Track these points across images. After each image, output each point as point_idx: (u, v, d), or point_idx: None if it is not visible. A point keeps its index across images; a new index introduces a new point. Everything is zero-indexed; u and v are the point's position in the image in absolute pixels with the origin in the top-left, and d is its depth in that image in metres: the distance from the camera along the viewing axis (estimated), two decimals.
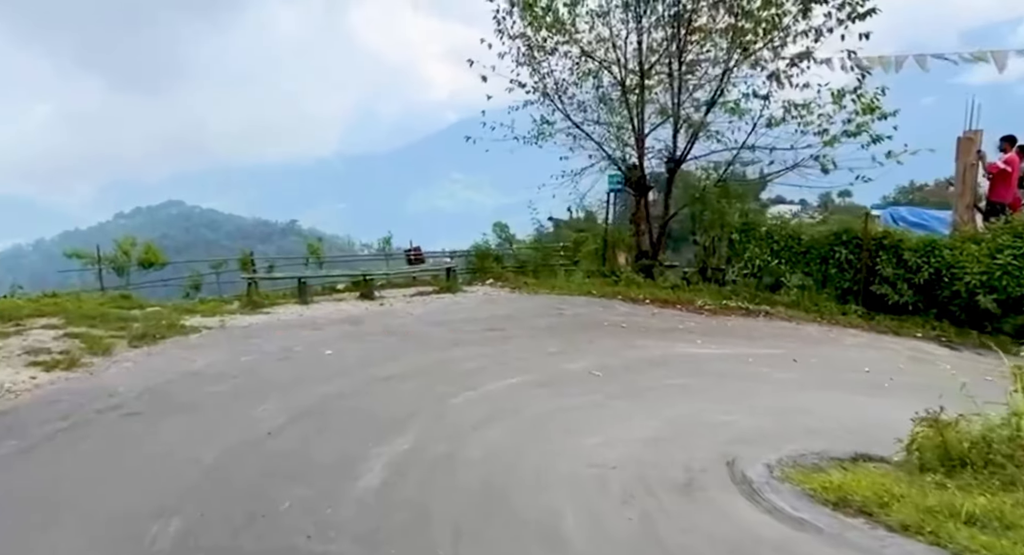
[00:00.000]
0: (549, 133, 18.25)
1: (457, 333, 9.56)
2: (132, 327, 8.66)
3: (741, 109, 12.87)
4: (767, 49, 13.86)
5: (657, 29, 16.01)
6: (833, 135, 13.23)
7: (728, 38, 13.93)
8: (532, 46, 17.50)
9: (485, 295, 13.11)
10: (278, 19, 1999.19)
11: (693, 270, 14.00)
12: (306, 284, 12.76)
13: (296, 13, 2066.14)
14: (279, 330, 9.37)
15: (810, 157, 13.97)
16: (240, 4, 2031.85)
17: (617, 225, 15.95)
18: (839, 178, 13.98)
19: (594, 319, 10.87)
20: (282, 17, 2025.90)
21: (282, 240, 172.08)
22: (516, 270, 15.78)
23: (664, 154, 15.51)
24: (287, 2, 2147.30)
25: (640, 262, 15.61)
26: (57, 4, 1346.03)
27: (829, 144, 12.50)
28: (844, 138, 13.32)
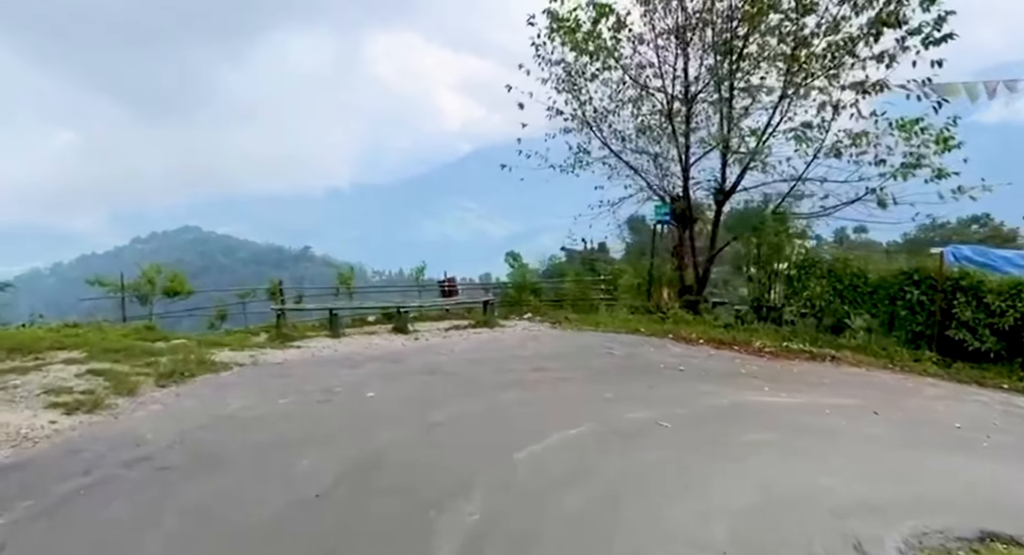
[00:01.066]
0: (586, 162, 17.90)
1: (503, 374, 8.93)
2: (159, 363, 8.12)
3: (807, 138, 12.24)
4: (825, 77, 13.35)
5: (706, 56, 15.64)
6: (896, 168, 12.60)
7: (783, 66, 13.46)
8: (572, 72, 17.24)
9: (525, 331, 12.49)
10: (293, 51, 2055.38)
11: (746, 308, 13.29)
12: (337, 316, 12.22)
13: (311, 45, 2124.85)
14: (315, 367, 8.79)
15: (867, 190, 13.37)
16: (257, 36, 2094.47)
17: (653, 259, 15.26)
18: (901, 213, 13.32)
19: (648, 360, 10.19)
20: (297, 49, 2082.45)
21: (295, 266, 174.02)
22: (553, 304, 15.16)
23: (711, 185, 14.96)
24: (302, 34, 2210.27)
25: (684, 298, 14.96)
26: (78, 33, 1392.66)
27: (900, 176, 11.81)
28: (904, 170, 12.70)
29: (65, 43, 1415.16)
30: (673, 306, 13.71)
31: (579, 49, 16.81)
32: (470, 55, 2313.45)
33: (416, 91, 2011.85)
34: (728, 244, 14.69)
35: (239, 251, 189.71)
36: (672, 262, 15.31)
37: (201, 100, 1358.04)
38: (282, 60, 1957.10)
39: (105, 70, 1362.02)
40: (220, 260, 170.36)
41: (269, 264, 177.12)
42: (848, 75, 13.00)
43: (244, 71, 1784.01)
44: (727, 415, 7.82)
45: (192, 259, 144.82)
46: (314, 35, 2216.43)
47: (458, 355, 9.93)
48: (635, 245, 63.07)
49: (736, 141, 14.37)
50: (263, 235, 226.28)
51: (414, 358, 9.63)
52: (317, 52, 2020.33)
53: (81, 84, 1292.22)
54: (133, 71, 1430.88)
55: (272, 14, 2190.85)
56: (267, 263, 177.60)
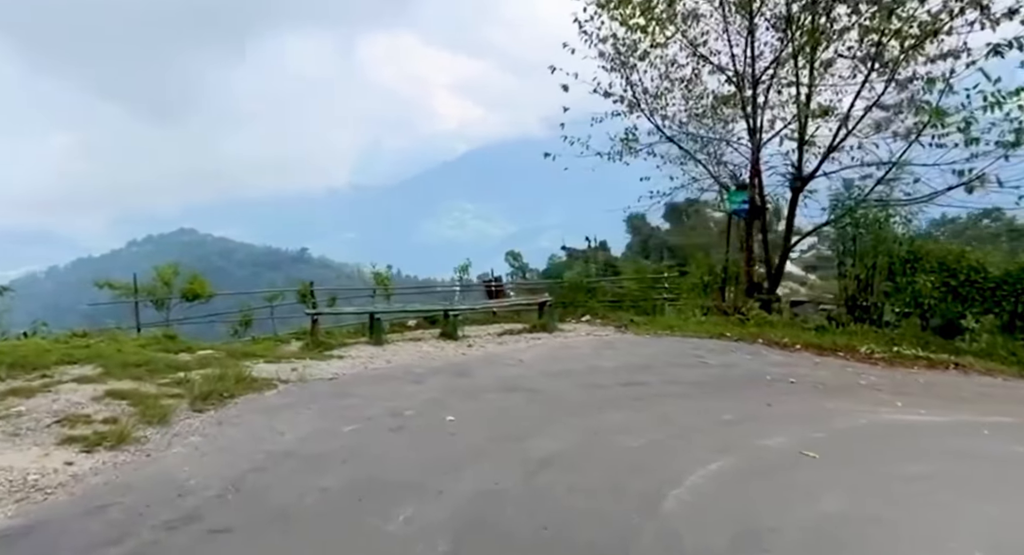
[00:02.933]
0: (634, 148, 16.67)
1: (592, 389, 7.71)
2: (190, 381, 6.92)
3: (940, 112, 10.77)
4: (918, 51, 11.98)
5: (773, 28, 14.37)
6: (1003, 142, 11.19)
7: (872, 38, 12.12)
8: (621, 49, 16.02)
9: (592, 336, 11.27)
10: (291, 53, 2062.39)
11: (835, 308, 12.01)
12: (380, 321, 11.02)
13: (309, 47, 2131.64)
14: (373, 384, 7.58)
15: (953, 172, 12.04)
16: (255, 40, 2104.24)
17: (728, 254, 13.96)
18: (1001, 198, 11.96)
19: (749, 371, 8.96)
20: (295, 52, 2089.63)
21: (292, 268, 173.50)
22: (611, 305, 13.94)
23: (787, 172, 13.68)
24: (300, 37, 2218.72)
25: (755, 297, 13.69)
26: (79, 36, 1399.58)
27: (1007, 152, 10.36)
28: None
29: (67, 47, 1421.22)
30: (753, 306, 12.45)
31: (630, 23, 15.61)
32: (467, 56, 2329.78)
33: (413, 92, 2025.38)
34: (807, 234, 13.39)
35: (236, 253, 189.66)
36: (740, 257, 14.00)
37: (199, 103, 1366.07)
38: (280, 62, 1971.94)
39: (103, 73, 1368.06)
40: (216, 262, 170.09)
41: (266, 266, 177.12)
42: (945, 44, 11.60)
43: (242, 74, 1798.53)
44: (872, 439, 6.59)
45: (188, 261, 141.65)
46: (312, 37, 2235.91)
47: (530, 367, 8.71)
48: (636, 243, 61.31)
49: (818, 121, 13.05)
50: (260, 237, 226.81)
51: (481, 371, 8.41)
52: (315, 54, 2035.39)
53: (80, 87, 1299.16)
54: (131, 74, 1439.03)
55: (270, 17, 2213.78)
56: (264, 265, 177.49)
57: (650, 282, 15.03)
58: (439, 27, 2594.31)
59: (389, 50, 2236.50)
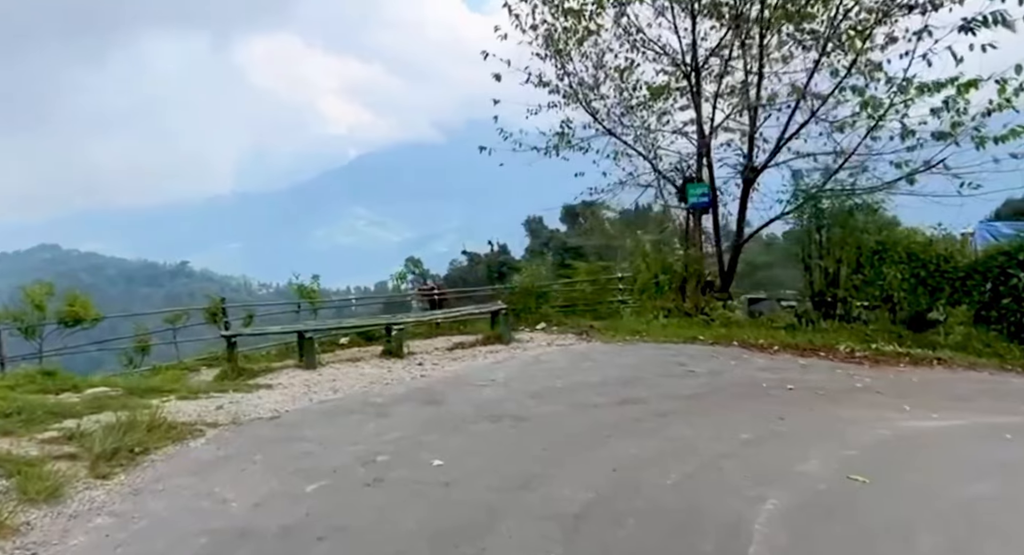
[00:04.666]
0: (569, 141, 16.01)
1: (587, 412, 6.81)
2: (88, 435, 5.39)
3: (873, 100, 10.70)
4: None
5: (712, 15, 14.06)
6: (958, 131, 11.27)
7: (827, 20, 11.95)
8: (555, 38, 15.30)
9: (557, 347, 10.37)
10: (159, 55, 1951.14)
11: (801, 305, 11.74)
12: (312, 340, 9.63)
13: (179, 50, 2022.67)
14: (326, 421, 6.30)
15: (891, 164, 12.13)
16: (119, 40, 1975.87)
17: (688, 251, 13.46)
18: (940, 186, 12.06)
19: (740, 378, 8.36)
20: (164, 54, 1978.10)
21: (172, 283, 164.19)
22: (565, 310, 13.13)
23: (737, 162, 13.37)
24: (169, 39, 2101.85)
25: (708, 295, 13.29)
26: None
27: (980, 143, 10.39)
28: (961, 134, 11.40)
29: None
30: (716, 306, 11.99)
31: (564, 6, 14.95)
32: (353, 59, 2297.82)
33: (299, 96, 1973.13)
34: (765, 226, 13.12)
35: (106, 269, 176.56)
36: (689, 255, 13.52)
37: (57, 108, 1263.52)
38: (147, 64, 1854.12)
39: None
40: (85, 280, 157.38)
41: (141, 282, 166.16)
42: None
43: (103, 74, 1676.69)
44: (907, 455, 6.08)
45: (50, 280, 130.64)
46: (182, 38, 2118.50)
47: (507, 387, 7.69)
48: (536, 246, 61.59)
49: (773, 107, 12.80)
50: (134, 251, 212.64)
51: (452, 396, 7.30)
52: (186, 56, 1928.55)
53: None
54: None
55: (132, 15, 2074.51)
56: (139, 281, 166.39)
57: (604, 284, 14.37)
58: (321, 30, 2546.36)
59: (269, 52, 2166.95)
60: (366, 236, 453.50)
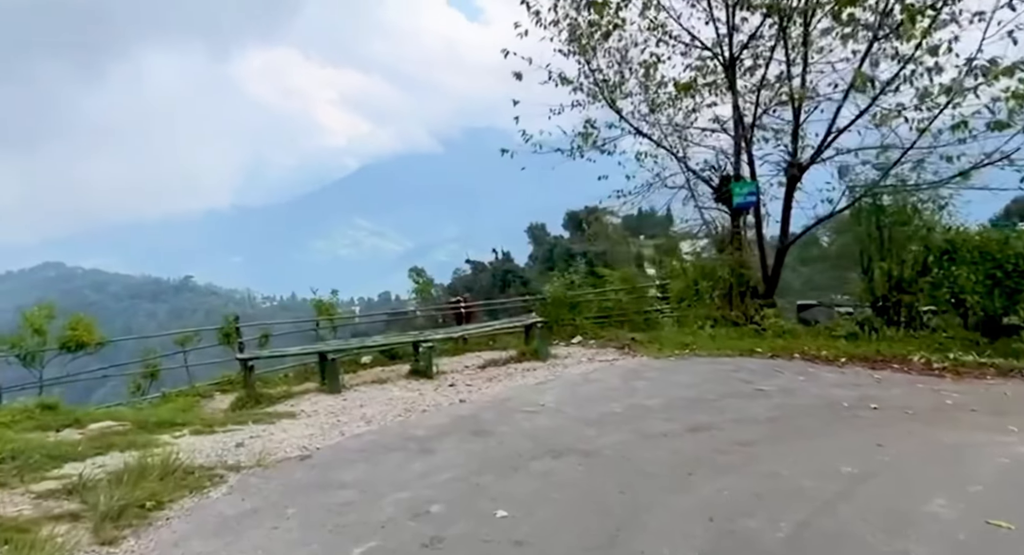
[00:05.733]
0: (595, 141, 15.33)
1: (658, 442, 6.04)
2: (92, 487, 4.66)
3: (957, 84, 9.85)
4: None
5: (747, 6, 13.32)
6: None
7: None
8: (578, 33, 14.63)
9: (601, 362, 9.62)
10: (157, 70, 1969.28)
11: (860, 311, 10.93)
12: (336, 362, 8.90)
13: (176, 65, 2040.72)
14: (365, 461, 5.55)
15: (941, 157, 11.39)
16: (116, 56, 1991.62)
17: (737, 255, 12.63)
18: None
19: (816, 397, 7.56)
20: (162, 68, 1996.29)
21: (176, 298, 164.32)
22: (599, 321, 12.37)
23: (780, 159, 12.57)
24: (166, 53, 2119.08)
25: (753, 302, 12.48)
26: None
27: None
28: None
29: None
30: (768, 314, 11.19)
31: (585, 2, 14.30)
32: (352, 70, 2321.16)
33: (297, 108, 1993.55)
34: (814, 227, 12.31)
35: (110, 286, 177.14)
36: (731, 259, 12.69)
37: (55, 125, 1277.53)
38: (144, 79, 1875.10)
39: None
40: (90, 297, 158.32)
41: (146, 298, 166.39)
42: None
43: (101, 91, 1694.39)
44: None
45: (55, 298, 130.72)
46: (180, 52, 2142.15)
47: (560, 413, 6.92)
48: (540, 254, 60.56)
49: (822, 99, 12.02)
50: (137, 266, 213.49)
51: (500, 425, 6.54)
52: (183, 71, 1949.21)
53: None
54: None
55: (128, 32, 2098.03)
56: (144, 297, 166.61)
57: (640, 292, 13.60)
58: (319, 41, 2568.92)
59: (267, 65, 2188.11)
60: (366, 247, 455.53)
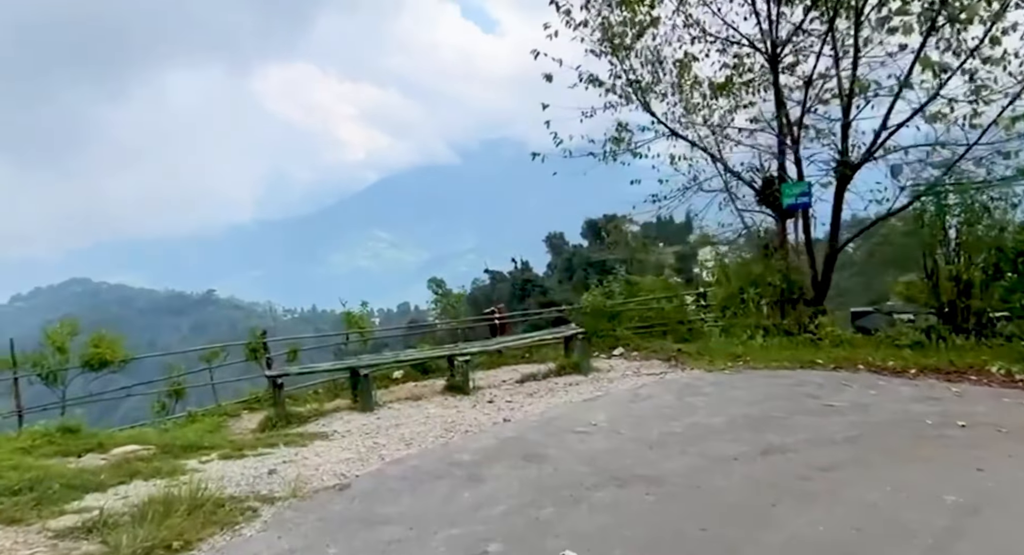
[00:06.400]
0: (629, 144, 14.85)
1: (730, 467, 5.47)
2: (113, 525, 4.23)
3: None
4: None
5: None
6: None
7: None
8: (611, 32, 14.19)
9: (649, 376, 9.07)
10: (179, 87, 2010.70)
11: (923, 318, 10.26)
12: (368, 378, 8.47)
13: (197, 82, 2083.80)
14: (409, 490, 5.06)
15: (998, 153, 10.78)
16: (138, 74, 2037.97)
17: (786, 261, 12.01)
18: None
19: (894, 413, 6.94)
20: (183, 86, 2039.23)
21: (199, 312, 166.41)
22: (640, 331, 11.83)
23: (830, 158, 11.97)
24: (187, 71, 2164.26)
25: (789, 308, 11.85)
26: None
27: None
28: None
29: None
30: (824, 323, 10.57)
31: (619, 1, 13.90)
32: (369, 85, 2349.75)
33: (317, 123, 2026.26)
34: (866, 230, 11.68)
35: (135, 301, 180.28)
36: (781, 264, 12.07)
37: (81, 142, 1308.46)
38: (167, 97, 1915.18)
39: None
40: (116, 312, 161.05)
41: (170, 312, 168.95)
42: None
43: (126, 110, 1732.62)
44: None
45: (82, 314, 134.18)
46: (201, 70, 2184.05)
47: (616, 434, 6.39)
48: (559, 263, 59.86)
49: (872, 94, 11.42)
50: (161, 281, 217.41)
51: (552, 447, 6.02)
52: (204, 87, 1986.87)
53: None
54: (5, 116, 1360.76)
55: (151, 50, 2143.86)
56: (167, 311, 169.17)
57: (682, 301, 13.03)
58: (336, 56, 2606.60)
59: (286, 81, 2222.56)
60: (385, 258, 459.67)
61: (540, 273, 58.78)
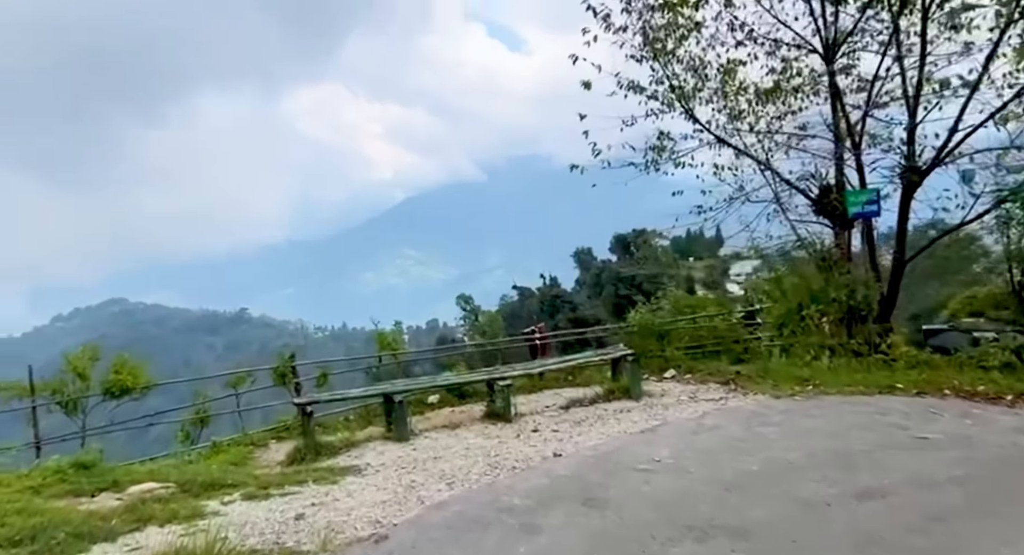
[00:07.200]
0: (671, 153, 14.17)
1: (824, 516, 4.74)
2: None
3: None
4: None
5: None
6: None
7: None
8: (652, 37, 13.58)
9: (709, 404, 8.33)
10: (212, 111, 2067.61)
11: (1009, 337, 9.34)
12: (404, 405, 7.88)
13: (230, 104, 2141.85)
14: (455, 542, 4.43)
15: None
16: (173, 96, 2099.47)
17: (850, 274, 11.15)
18: None
19: (1002, 449, 6.09)
20: (218, 108, 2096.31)
21: (232, 331, 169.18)
22: (691, 352, 11.08)
23: (896, 163, 11.14)
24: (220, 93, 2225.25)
25: (857, 326, 10.97)
26: None
27: None
28: None
29: None
30: (898, 343, 9.73)
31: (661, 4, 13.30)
32: (396, 104, 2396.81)
33: (345, 143, 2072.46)
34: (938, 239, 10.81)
35: (171, 320, 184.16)
36: (848, 278, 11.16)
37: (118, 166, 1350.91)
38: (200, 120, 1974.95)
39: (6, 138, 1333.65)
40: (151, 331, 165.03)
41: (204, 331, 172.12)
42: None
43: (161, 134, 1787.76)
44: None
45: (119, 333, 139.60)
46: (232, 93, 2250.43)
47: (684, 472, 5.67)
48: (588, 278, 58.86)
49: None
50: (195, 300, 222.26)
51: (611, 488, 5.34)
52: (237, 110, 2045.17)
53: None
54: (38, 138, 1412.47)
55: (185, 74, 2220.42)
56: (201, 330, 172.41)
57: (736, 318, 12.23)
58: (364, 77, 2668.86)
59: (315, 102, 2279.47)
60: (414, 276, 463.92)
61: (568, 289, 58.12)
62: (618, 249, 63.04)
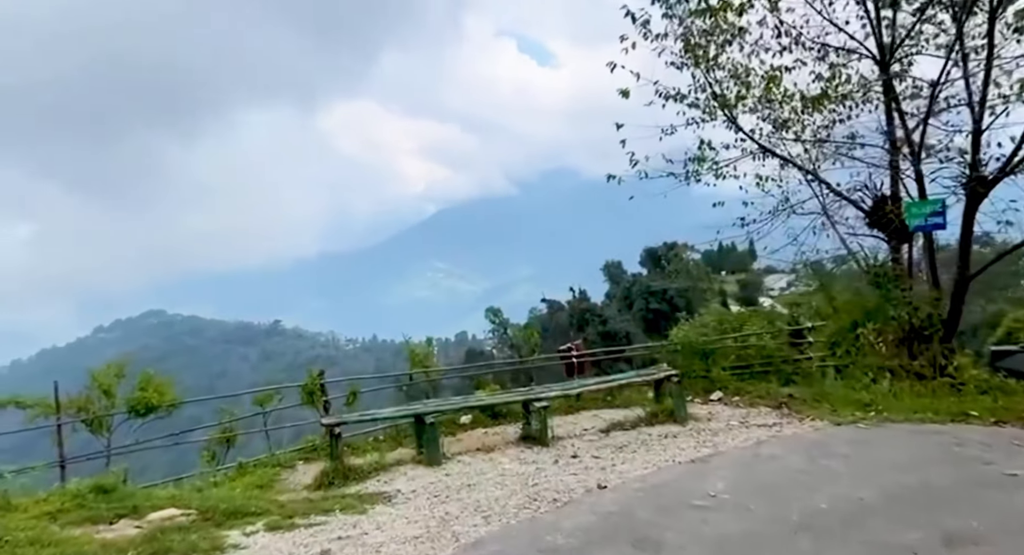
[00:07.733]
0: (712, 164, 13.64)
1: None
2: None
3: None
4: None
5: None
6: None
7: None
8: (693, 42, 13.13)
9: (762, 430, 7.78)
10: (250, 127, 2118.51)
11: None
12: (435, 427, 7.50)
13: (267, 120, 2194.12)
14: None
15: None
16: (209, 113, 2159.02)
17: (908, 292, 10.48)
18: None
19: None
20: (254, 124, 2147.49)
21: (266, 342, 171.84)
22: (738, 372, 10.53)
23: (959, 173, 10.48)
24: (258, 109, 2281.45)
25: (919, 347, 10.28)
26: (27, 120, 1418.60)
27: None
28: None
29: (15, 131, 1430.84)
30: (965, 366, 9.06)
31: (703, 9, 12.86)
32: (429, 120, 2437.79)
33: (378, 158, 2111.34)
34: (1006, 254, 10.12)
35: (207, 331, 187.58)
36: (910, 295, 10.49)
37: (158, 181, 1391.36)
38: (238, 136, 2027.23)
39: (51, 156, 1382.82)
40: (188, 342, 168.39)
41: (239, 342, 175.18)
42: None
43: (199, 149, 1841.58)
44: None
45: (157, 344, 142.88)
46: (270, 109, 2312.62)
47: (744, 510, 5.16)
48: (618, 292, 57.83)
49: None
50: (231, 313, 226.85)
51: (664, 527, 4.86)
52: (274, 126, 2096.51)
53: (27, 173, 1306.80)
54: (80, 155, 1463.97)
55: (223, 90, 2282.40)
56: (237, 341, 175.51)
57: (785, 337, 11.60)
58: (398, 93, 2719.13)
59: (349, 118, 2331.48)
60: (444, 288, 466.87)
61: (598, 302, 57.42)
62: (648, 263, 62.16)
